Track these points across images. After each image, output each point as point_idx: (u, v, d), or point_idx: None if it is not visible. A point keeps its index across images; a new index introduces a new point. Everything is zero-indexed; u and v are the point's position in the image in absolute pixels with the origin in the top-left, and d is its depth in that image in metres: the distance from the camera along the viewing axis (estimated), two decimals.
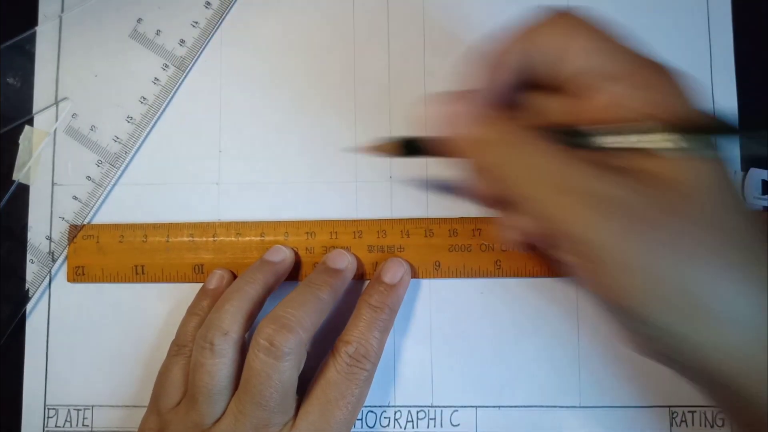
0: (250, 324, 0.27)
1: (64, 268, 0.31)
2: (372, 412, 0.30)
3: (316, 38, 0.32)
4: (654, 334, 0.20)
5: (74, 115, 0.32)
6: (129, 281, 0.31)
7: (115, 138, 0.31)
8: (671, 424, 0.29)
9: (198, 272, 0.30)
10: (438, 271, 0.30)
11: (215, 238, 0.30)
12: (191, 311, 0.29)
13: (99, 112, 0.31)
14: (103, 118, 0.31)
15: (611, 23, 0.21)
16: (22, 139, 0.31)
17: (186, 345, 0.28)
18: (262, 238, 0.30)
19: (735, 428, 0.26)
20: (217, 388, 0.26)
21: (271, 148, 0.31)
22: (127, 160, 0.31)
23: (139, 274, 0.31)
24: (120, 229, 0.31)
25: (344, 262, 0.29)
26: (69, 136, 0.31)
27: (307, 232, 0.30)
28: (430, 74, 0.31)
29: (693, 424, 0.29)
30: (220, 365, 0.26)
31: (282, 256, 0.29)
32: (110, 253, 0.31)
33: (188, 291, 0.30)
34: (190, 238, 0.31)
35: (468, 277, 0.30)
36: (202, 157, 0.31)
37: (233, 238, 0.30)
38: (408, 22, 0.31)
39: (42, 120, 0.32)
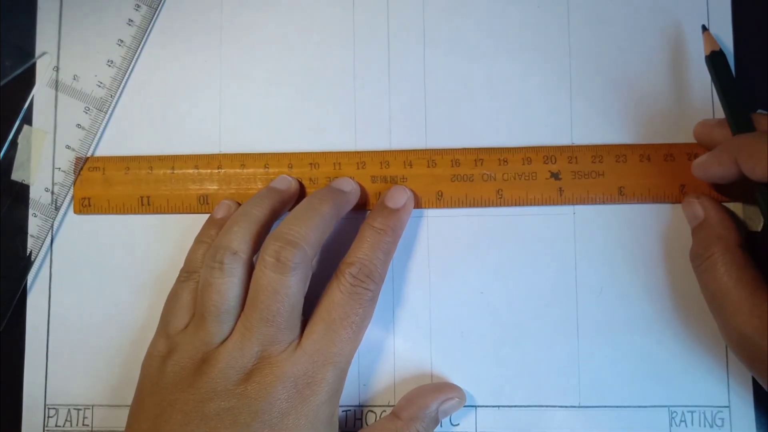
0: (258, 246, 0.27)
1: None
2: (372, 411, 0.30)
3: (316, 38, 0.32)
4: None
5: (55, 69, 0.32)
6: (135, 212, 0.31)
7: (99, 83, 0.32)
8: (671, 424, 0.29)
9: (203, 203, 0.31)
10: (440, 201, 0.30)
11: (220, 170, 0.31)
12: (199, 239, 0.29)
13: (79, 61, 0.32)
14: (84, 66, 0.32)
15: None
16: (21, 139, 0.32)
17: (195, 271, 0.28)
18: (267, 170, 0.31)
19: None
20: (225, 307, 0.26)
21: (271, 148, 0.31)
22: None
23: (145, 205, 0.31)
24: (125, 161, 0.31)
25: (349, 185, 0.29)
26: (53, 89, 0.32)
27: (311, 163, 0.31)
28: (430, 74, 0.31)
29: (692, 424, 0.29)
30: (229, 284, 0.26)
31: (287, 184, 0.30)
32: (116, 185, 0.31)
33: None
34: (195, 170, 0.31)
35: (470, 206, 0.30)
36: (203, 155, 0.31)
37: (238, 170, 0.31)
38: (408, 22, 0.31)
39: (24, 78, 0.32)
